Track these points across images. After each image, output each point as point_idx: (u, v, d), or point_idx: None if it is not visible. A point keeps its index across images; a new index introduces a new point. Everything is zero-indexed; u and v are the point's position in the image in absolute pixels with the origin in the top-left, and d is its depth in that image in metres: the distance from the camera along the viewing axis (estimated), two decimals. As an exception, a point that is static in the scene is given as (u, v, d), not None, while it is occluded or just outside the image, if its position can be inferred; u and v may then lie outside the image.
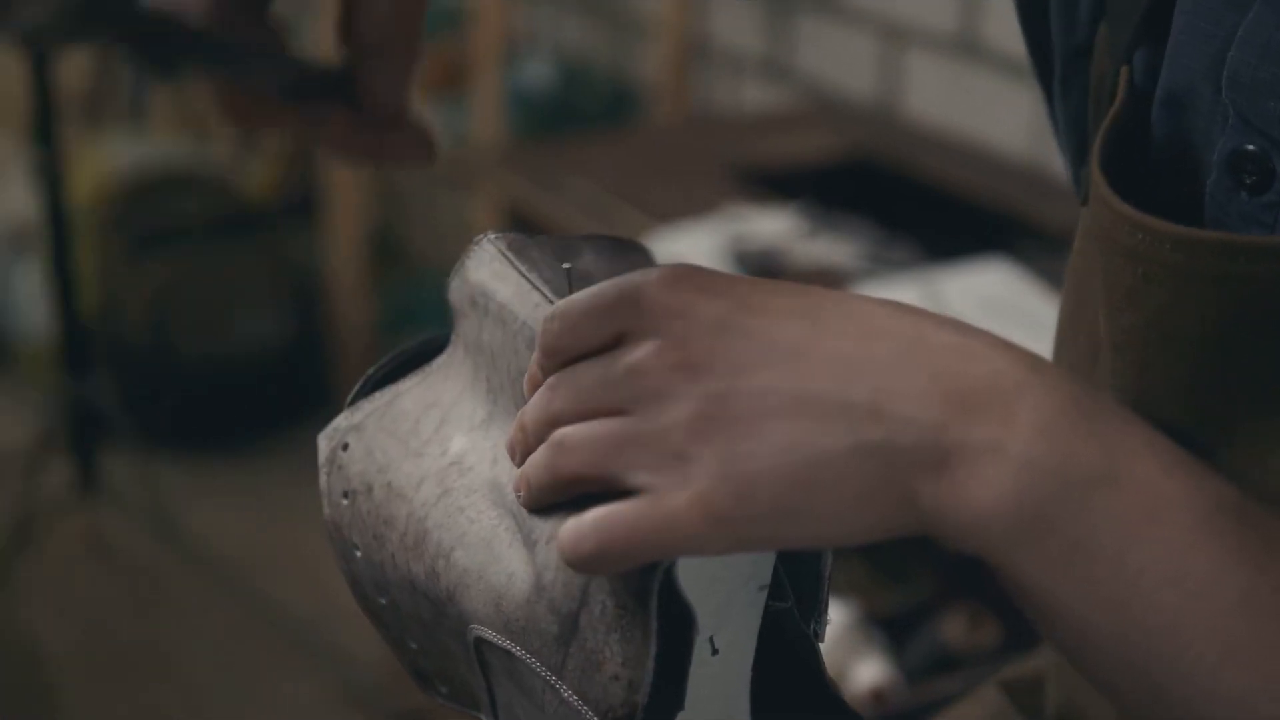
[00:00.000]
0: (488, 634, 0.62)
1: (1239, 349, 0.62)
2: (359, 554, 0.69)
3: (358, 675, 2.63)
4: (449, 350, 0.70)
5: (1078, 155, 0.76)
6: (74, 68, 3.77)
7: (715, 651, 0.62)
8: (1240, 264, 0.60)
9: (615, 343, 0.58)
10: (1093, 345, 0.69)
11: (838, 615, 1.68)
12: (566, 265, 0.64)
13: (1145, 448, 0.56)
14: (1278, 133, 0.60)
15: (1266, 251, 0.60)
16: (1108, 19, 0.71)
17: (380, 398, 0.70)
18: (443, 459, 0.66)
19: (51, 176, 2.76)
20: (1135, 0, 0.68)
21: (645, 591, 0.58)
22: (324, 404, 3.23)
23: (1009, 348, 0.57)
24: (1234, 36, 0.62)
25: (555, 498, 0.59)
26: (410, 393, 0.70)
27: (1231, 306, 0.61)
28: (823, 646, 0.66)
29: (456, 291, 0.68)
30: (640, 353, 0.57)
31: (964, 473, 0.54)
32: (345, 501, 0.69)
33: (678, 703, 0.60)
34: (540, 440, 0.59)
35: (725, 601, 0.62)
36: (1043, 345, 0.60)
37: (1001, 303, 1.86)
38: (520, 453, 0.61)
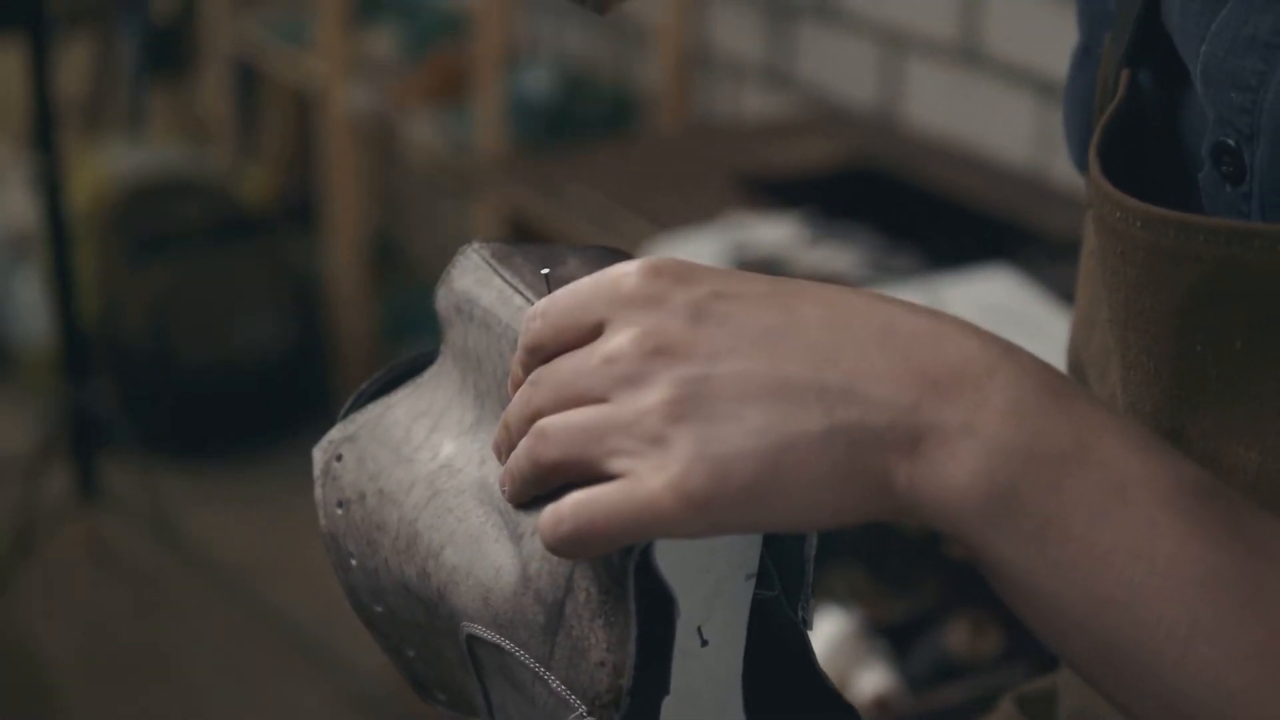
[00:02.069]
0: (478, 630, 0.63)
1: (1201, 330, 0.63)
2: (354, 562, 0.70)
3: (359, 682, 2.63)
4: (438, 360, 0.70)
5: (1083, 138, 0.77)
6: (73, 73, 3.77)
7: (705, 643, 0.62)
8: (1199, 244, 0.61)
9: (594, 336, 0.59)
10: (1105, 339, 0.70)
11: (840, 624, 1.67)
12: (545, 270, 0.65)
13: (1111, 428, 0.57)
14: (1243, 123, 0.62)
15: (1224, 233, 0.61)
16: (1112, 23, 0.72)
17: (373, 410, 0.71)
18: (433, 463, 0.67)
19: (51, 182, 2.76)
20: (1133, 4, 0.69)
21: (624, 574, 0.58)
22: (324, 410, 3.23)
23: (980, 332, 0.58)
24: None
25: (538, 488, 0.59)
26: (402, 403, 0.70)
27: (1192, 287, 0.62)
28: (825, 654, 0.66)
29: (443, 301, 0.69)
30: (617, 340, 0.58)
31: (938, 453, 0.55)
32: (340, 511, 0.70)
33: (663, 687, 0.61)
34: (523, 435, 0.60)
35: (713, 592, 0.62)
36: (1045, 351, 0.60)
37: (1004, 310, 1.86)
38: (505, 450, 0.62)
